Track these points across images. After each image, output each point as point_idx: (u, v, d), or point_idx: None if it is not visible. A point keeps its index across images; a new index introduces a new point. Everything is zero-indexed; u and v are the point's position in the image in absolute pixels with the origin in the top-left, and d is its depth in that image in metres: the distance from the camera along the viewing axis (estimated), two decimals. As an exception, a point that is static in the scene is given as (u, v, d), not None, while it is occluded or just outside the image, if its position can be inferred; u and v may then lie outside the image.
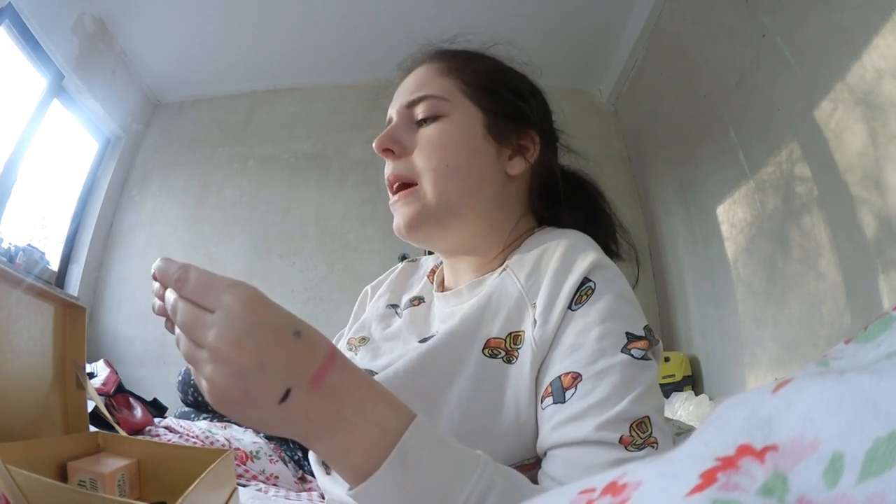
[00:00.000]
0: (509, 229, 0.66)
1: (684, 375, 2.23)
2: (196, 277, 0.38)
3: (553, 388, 0.49)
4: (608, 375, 0.47)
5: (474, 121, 0.65)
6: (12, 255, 2.19)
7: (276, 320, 0.36)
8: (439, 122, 0.64)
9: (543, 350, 0.51)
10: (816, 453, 0.15)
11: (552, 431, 0.47)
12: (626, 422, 0.45)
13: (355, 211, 2.83)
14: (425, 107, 0.64)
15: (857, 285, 1.42)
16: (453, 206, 0.62)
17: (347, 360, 0.38)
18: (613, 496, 0.18)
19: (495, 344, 0.54)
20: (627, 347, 0.49)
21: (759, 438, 0.16)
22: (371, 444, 0.37)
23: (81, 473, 0.55)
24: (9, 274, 0.57)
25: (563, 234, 0.60)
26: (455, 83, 0.66)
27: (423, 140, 0.63)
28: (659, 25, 2.43)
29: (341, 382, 0.37)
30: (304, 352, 0.35)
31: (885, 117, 1.30)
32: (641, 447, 0.44)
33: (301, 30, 2.69)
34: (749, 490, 0.15)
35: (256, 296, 0.36)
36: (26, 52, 2.22)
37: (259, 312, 0.35)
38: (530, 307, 0.54)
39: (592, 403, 0.46)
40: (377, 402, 0.38)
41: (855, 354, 0.20)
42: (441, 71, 0.67)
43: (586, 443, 0.44)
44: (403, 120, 0.66)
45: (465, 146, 0.63)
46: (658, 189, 2.66)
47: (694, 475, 0.16)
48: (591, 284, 0.52)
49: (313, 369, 0.36)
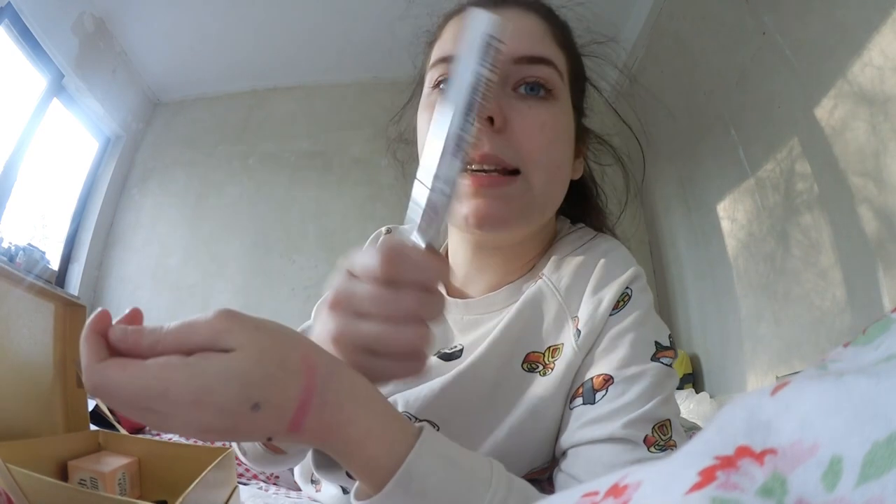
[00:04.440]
0: (549, 231, 0.61)
1: (685, 373, 2.23)
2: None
3: (584, 388, 0.49)
4: (639, 380, 0.47)
5: (571, 115, 0.56)
6: (12, 254, 2.19)
7: (226, 404, 0.30)
8: (552, 104, 0.52)
9: (583, 356, 0.51)
10: (815, 457, 0.15)
11: (578, 430, 0.47)
12: (650, 422, 0.45)
13: (356, 209, 2.83)
14: (545, 76, 0.51)
15: (857, 282, 1.42)
16: (546, 210, 0.55)
17: (331, 395, 0.34)
18: (616, 498, 0.18)
19: (535, 358, 0.53)
20: (657, 356, 0.49)
21: (758, 441, 0.16)
22: (369, 473, 0.35)
23: (82, 472, 0.55)
24: (9, 273, 0.57)
25: (597, 242, 0.58)
26: (565, 61, 0.55)
27: (536, 122, 0.50)
28: (659, 23, 2.43)
29: (321, 426, 0.33)
30: (267, 418, 0.32)
31: (885, 114, 1.29)
32: (663, 449, 0.45)
33: (301, 28, 2.69)
34: (748, 490, 0.15)
35: (205, 384, 0.30)
36: (26, 52, 2.22)
37: (204, 404, 0.30)
38: (570, 319, 0.53)
39: (621, 405, 0.46)
40: (366, 441, 0.34)
41: (854, 357, 0.20)
42: (554, 35, 0.54)
43: (612, 440, 0.45)
44: (501, 78, 0.49)
45: (569, 143, 0.54)
46: (658, 186, 2.66)
47: (693, 473, 0.16)
48: (629, 292, 0.52)
49: (284, 425, 0.32)
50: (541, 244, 0.60)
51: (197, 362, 0.30)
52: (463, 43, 0.36)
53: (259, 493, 0.94)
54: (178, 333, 0.32)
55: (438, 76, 0.54)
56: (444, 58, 0.53)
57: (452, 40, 0.54)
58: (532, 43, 0.51)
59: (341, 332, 0.37)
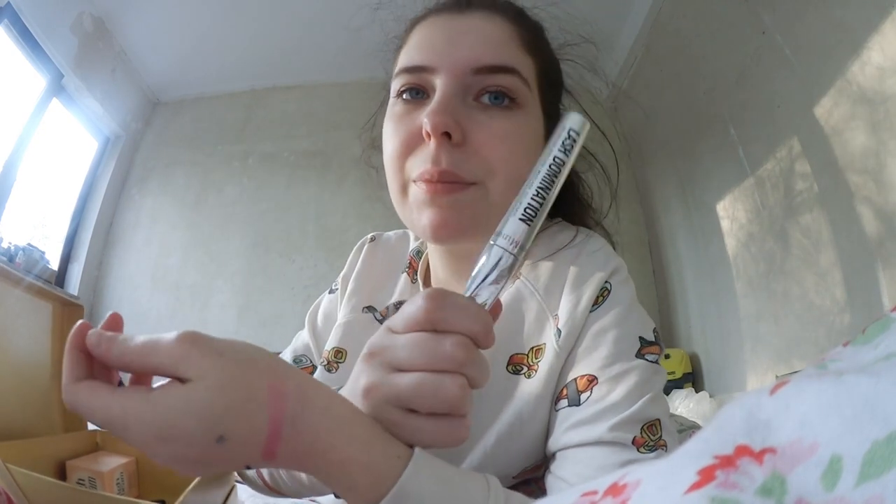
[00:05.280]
0: None
1: (684, 372, 2.23)
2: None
3: (568, 390, 0.48)
4: (624, 379, 0.46)
5: (539, 123, 0.54)
6: (12, 254, 2.19)
7: (190, 438, 0.29)
8: (515, 113, 0.50)
9: (564, 356, 0.50)
10: (815, 456, 0.15)
11: (566, 433, 0.46)
12: (639, 423, 0.44)
13: (355, 209, 2.83)
14: (507, 85, 0.49)
15: (857, 281, 1.42)
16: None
17: (304, 423, 0.32)
18: (615, 497, 0.18)
19: (519, 360, 0.52)
20: (642, 352, 0.48)
21: (757, 440, 0.16)
22: (355, 497, 0.33)
23: (80, 472, 0.55)
24: (7, 273, 0.57)
25: (573, 236, 0.56)
26: (533, 66, 0.52)
27: (495, 134, 0.48)
28: (659, 22, 2.43)
29: (296, 454, 0.32)
30: (235, 449, 0.30)
31: (885, 114, 1.29)
32: (653, 449, 0.44)
33: (300, 27, 2.69)
34: (748, 490, 0.15)
35: (166, 419, 0.29)
36: (25, 52, 2.22)
37: (168, 438, 0.29)
38: (551, 318, 0.51)
39: (608, 406, 0.45)
40: (348, 467, 0.32)
41: (853, 356, 0.20)
42: (521, 40, 0.52)
43: (600, 443, 0.44)
44: (461, 90, 0.49)
45: (534, 152, 0.50)
46: (658, 186, 2.66)
47: (692, 472, 0.16)
48: (608, 287, 0.51)
49: (256, 455, 0.31)
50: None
51: (156, 397, 0.30)
52: (553, 135, 0.40)
53: (258, 493, 0.94)
54: (140, 352, 0.31)
55: (401, 86, 0.52)
56: (407, 68, 0.51)
57: (417, 48, 0.52)
58: (494, 51, 0.49)
59: (374, 384, 0.35)
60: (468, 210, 0.49)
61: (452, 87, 0.48)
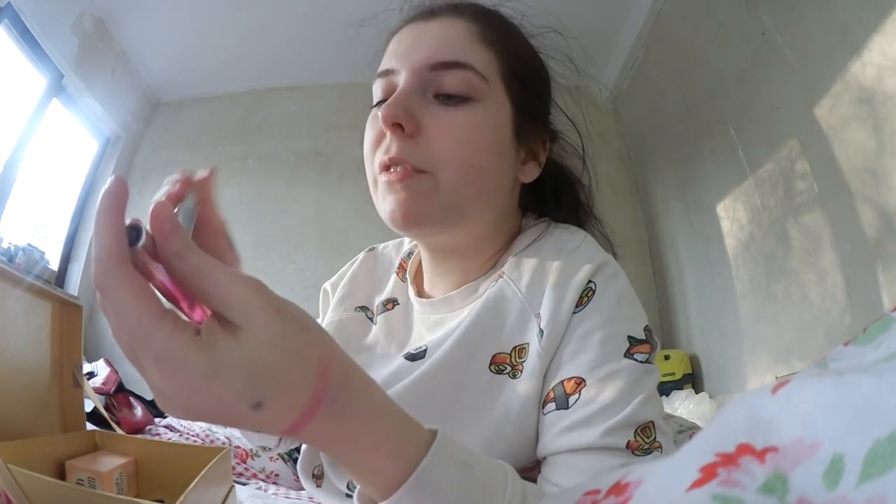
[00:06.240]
0: (507, 230, 0.60)
1: (684, 373, 2.22)
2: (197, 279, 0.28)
3: (556, 393, 0.47)
4: (613, 380, 0.46)
5: (505, 116, 0.55)
6: (12, 254, 2.18)
7: (226, 400, 0.27)
8: (471, 106, 0.52)
9: (548, 358, 0.50)
10: (817, 455, 0.15)
11: (556, 438, 0.46)
12: (632, 426, 0.44)
13: (355, 210, 2.82)
14: (460, 80, 0.51)
15: (857, 282, 1.42)
16: (464, 210, 0.53)
17: (342, 403, 0.30)
18: (617, 496, 0.18)
19: (501, 359, 0.52)
20: (630, 352, 0.48)
21: (759, 439, 0.16)
22: (374, 480, 0.33)
23: (80, 472, 0.55)
24: (7, 272, 0.57)
25: (558, 234, 0.57)
26: (494, 60, 0.54)
27: (449, 125, 0.51)
28: (659, 23, 2.43)
29: (323, 433, 0.31)
30: (266, 419, 0.28)
31: (885, 115, 1.29)
32: (648, 451, 0.43)
33: (301, 28, 2.69)
34: (749, 488, 0.15)
35: (212, 372, 0.26)
36: (25, 52, 2.22)
37: (201, 392, 0.27)
38: (534, 317, 0.51)
39: (598, 409, 0.44)
40: (373, 451, 0.32)
41: (854, 356, 0.20)
42: (481, 37, 0.54)
43: (593, 449, 0.43)
44: (419, 85, 0.52)
45: (493, 147, 0.53)
46: (658, 187, 2.66)
47: (693, 469, 0.16)
48: (592, 286, 0.50)
49: (283, 427, 0.29)
50: (499, 242, 0.59)
51: (209, 344, 0.27)
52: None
53: (258, 493, 0.94)
54: (198, 268, 0.28)
55: (376, 92, 0.57)
56: (378, 73, 0.56)
57: (388, 55, 0.57)
58: (450, 48, 0.52)
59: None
60: (421, 197, 0.51)
61: (410, 83, 0.52)
